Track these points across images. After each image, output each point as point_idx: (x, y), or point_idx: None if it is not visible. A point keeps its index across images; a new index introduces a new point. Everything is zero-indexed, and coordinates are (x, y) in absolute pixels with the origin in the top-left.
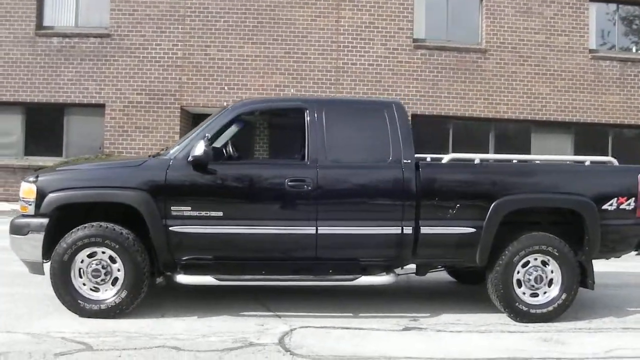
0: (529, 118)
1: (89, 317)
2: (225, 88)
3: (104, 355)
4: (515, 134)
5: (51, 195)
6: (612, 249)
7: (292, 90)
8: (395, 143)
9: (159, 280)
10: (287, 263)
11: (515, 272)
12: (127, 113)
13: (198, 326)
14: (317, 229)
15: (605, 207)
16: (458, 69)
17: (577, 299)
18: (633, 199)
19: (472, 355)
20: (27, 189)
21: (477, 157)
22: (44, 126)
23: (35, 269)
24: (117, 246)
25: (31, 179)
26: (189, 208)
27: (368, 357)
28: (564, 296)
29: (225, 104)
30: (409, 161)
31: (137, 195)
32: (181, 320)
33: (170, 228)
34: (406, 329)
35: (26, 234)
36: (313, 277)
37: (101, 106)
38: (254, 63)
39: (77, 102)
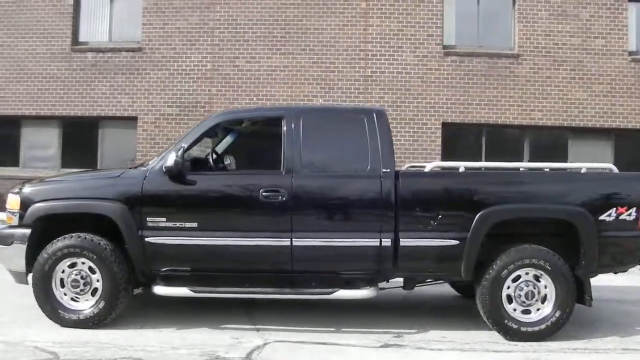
0: (565, 125)
1: (68, 327)
2: (254, 99)
3: None
4: (551, 141)
5: (34, 206)
6: (613, 263)
7: (320, 100)
8: (374, 152)
9: (137, 291)
10: (263, 275)
11: (505, 287)
12: (159, 125)
13: (173, 338)
14: (291, 241)
15: (602, 217)
16: (490, 75)
17: (583, 316)
18: (634, 209)
19: None
20: (12, 200)
21: (462, 165)
22: (79, 139)
23: (20, 278)
24: (94, 257)
25: (16, 190)
26: (164, 219)
27: None
28: (557, 313)
29: None
30: (388, 170)
31: (113, 206)
32: (158, 332)
33: (146, 239)
34: (385, 345)
35: (10, 244)
36: (289, 290)
37: (133, 119)
38: (282, 74)
39: (110, 115)
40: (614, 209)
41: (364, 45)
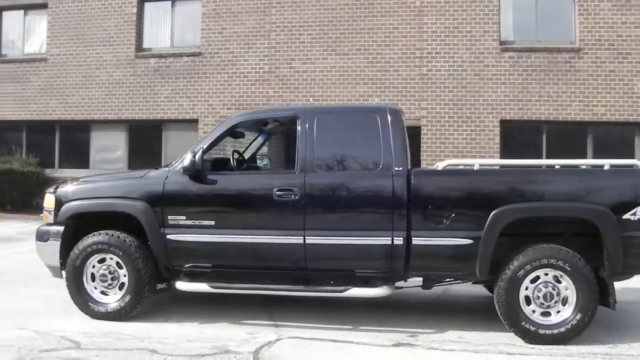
0: (631, 120)
1: (97, 319)
2: (311, 100)
3: (84, 354)
4: (616, 137)
5: (66, 205)
6: (638, 265)
7: (376, 100)
8: (387, 150)
9: (160, 286)
10: (279, 273)
11: (522, 288)
12: None
13: (191, 332)
14: (304, 239)
15: (627, 216)
16: (549, 71)
17: (614, 320)
18: None
19: None
20: (48, 199)
21: (476, 162)
22: (144, 141)
23: (55, 272)
24: (121, 253)
25: (52, 189)
26: (184, 217)
27: None
28: (578, 316)
29: None
30: (401, 168)
31: (137, 204)
32: (180, 326)
33: (167, 236)
34: (397, 344)
35: (46, 241)
36: (304, 287)
37: (194, 121)
38: (337, 74)
39: (172, 118)
40: (638, 207)
41: (419, 43)
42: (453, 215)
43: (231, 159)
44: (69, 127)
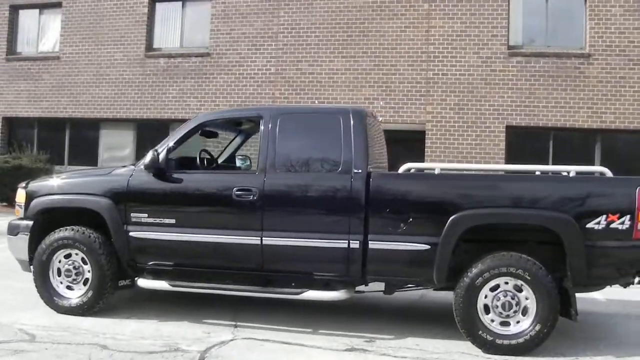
0: None
1: (62, 313)
2: (316, 102)
3: (36, 347)
4: (625, 145)
5: (35, 200)
6: (607, 276)
7: (381, 103)
8: (347, 152)
9: (123, 282)
10: (238, 273)
11: (481, 296)
12: None
13: (149, 329)
14: (262, 240)
15: (590, 225)
16: (558, 76)
17: (581, 331)
18: (628, 216)
19: None
20: (20, 194)
21: (438, 166)
22: (152, 140)
23: (25, 266)
24: (85, 248)
25: (23, 184)
26: (146, 215)
27: None
28: (537, 327)
29: None
30: (360, 171)
31: (101, 201)
32: (140, 323)
33: (130, 233)
34: (351, 349)
35: (16, 235)
36: (261, 288)
37: None
38: (343, 77)
39: (180, 117)
40: (604, 216)
41: (426, 47)
42: (411, 219)
43: (198, 159)
44: (79, 125)
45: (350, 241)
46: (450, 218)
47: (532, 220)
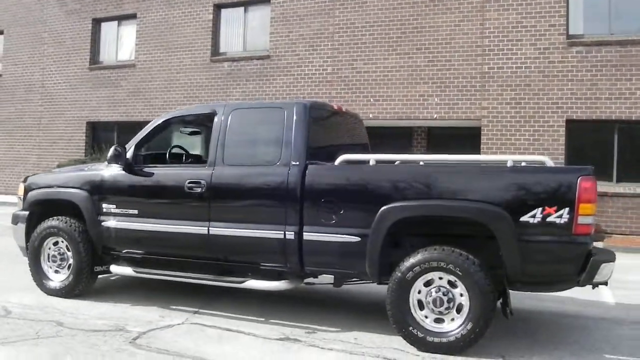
0: None
1: (49, 295)
2: (371, 100)
3: (3, 320)
4: None
5: (30, 193)
6: (547, 274)
7: (436, 99)
8: (287, 144)
9: (99, 268)
10: (197, 262)
11: (414, 291)
12: None
13: (114, 311)
14: (209, 230)
15: (525, 219)
16: (622, 66)
17: (529, 331)
18: (567, 209)
19: None
20: (20, 188)
21: (372, 157)
22: None
23: (24, 252)
24: (67, 236)
25: (23, 179)
26: (114, 206)
27: (192, 356)
28: (469, 326)
29: (370, 116)
30: (297, 163)
31: (79, 193)
32: (112, 306)
33: (102, 223)
34: (284, 338)
35: (17, 224)
36: (209, 277)
37: None
38: (398, 74)
39: None
40: (540, 209)
41: (481, 40)
42: (342, 211)
43: (167, 154)
44: None
45: (287, 232)
46: (379, 210)
47: (460, 212)
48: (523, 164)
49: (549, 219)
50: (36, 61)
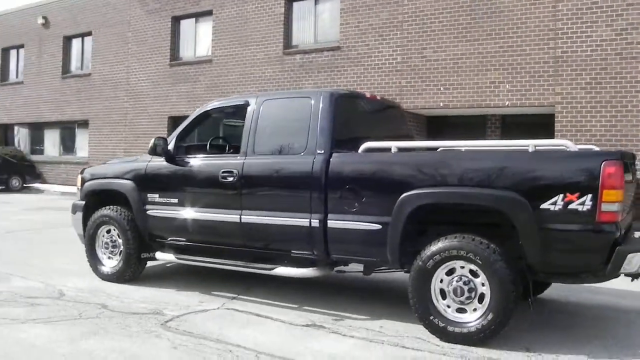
0: None
1: (103, 280)
2: (441, 89)
3: (53, 302)
4: None
5: (86, 184)
6: (568, 265)
7: (507, 86)
8: (313, 133)
9: (145, 255)
10: (228, 249)
11: (435, 280)
12: None
13: (157, 296)
14: (241, 218)
15: (545, 206)
16: None
17: (560, 321)
18: (589, 196)
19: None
20: (78, 179)
21: (394, 145)
22: None
23: (82, 240)
24: (117, 225)
25: (80, 171)
26: (157, 195)
27: (214, 339)
28: (490, 316)
29: (441, 104)
30: (322, 151)
31: (126, 183)
32: (156, 291)
33: (147, 212)
34: (310, 325)
35: (75, 213)
36: (242, 263)
37: None
38: (468, 61)
39: None
40: (561, 195)
41: (554, 23)
42: (364, 199)
43: (208, 145)
44: None
45: (312, 220)
46: (399, 197)
47: (477, 200)
48: (531, 148)
49: (570, 207)
50: (121, 60)
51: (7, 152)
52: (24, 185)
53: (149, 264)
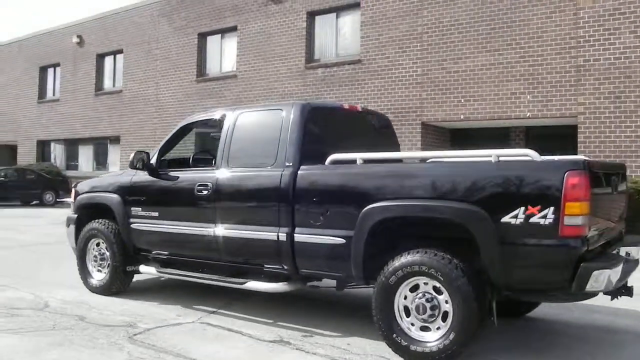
0: None
1: (92, 292)
2: (462, 100)
3: (35, 313)
4: None
5: (78, 197)
6: (531, 283)
7: (528, 97)
8: (283, 145)
9: (130, 268)
10: (206, 263)
11: (399, 296)
12: None
13: (139, 309)
14: (214, 231)
15: (506, 219)
16: None
17: (535, 344)
18: (551, 209)
19: None
20: (72, 193)
21: (359, 157)
22: None
23: (75, 252)
24: (104, 238)
25: (74, 184)
26: (140, 208)
27: (175, 354)
28: (452, 336)
29: (462, 117)
30: (290, 164)
31: (113, 197)
32: (140, 303)
33: (131, 225)
34: (276, 341)
35: (69, 226)
36: (216, 277)
37: None
38: (488, 72)
39: None
40: (522, 208)
41: (575, 31)
42: (329, 212)
43: (191, 158)
44: None
45: (279, 234)
46: (362, 211)
47: (436, 213)
48: (494, 158)
49: (532, 220)
50: (150, 76)
51: (43, 168)
52: (57, 200)
53: (143, 277)
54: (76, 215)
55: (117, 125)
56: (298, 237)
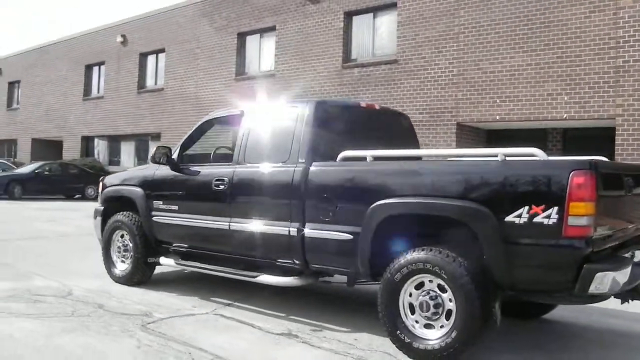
0: None
1: (116, 282)
2: (497, 101)
3: (57, 300)
4: None
5: (105, 190)
6: (534, 283)
7: (565, 98)
8: (297, 142)
9: (151, 259)
10: (223, 256)
11: (404, 293)
12: None
13: (157, 299)
14: (230, 225)
15: (510, 219)
16: None
17: (548, 346)
18: (555, 208)
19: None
20: (99, 186)
21: (369, 154)
22: None
23: (101, 243)
24: (127, 229)
25: (102, 177)
26: (161, 202)
27: (182, 342)
28: (454, 334)
29: (497, 117)
30: (303, 160)
31: (135, 190)
32: (159, 294)
33: (153, 218)
34: (284, 334)
35: (95, 218)
36: (230, 270)
37: None
38: (525, 72)
39: None
40: (526, 207)
41: (614, 32)
42: (338, 208)
43: (212, 154)
44: None
45: (290, 229)
46: (369, 207)
47: (440, 210)
48: (500, 157)
49: (535, 220)
50: (191, 75)
51: (86, 163)
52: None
53: (166, 269)
54: (102, 208)
55: (158, 122)
56: (308, 233)
